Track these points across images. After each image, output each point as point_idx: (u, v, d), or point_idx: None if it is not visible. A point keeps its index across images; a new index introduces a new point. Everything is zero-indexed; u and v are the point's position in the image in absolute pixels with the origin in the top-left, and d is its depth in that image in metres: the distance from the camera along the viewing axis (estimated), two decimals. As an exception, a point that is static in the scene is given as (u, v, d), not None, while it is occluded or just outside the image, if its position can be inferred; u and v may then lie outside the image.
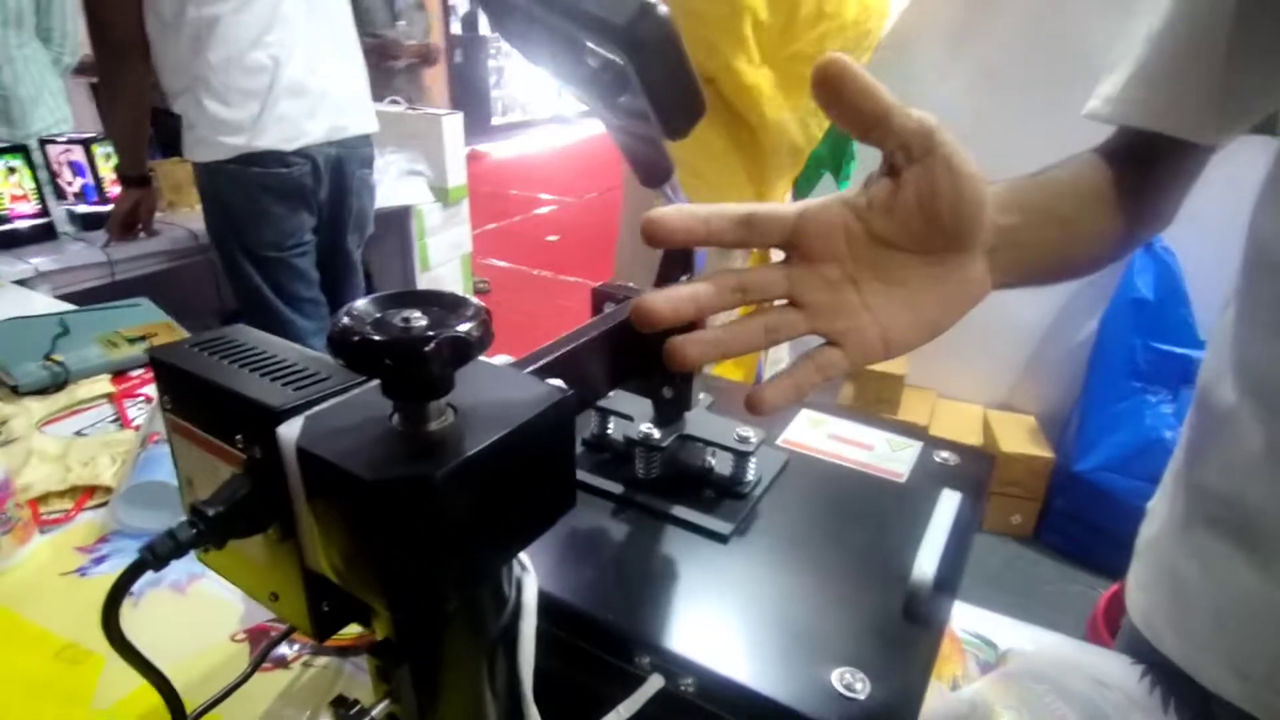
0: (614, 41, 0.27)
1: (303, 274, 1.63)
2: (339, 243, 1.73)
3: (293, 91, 1.48)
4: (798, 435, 0.51)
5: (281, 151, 1.50)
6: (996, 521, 2.08)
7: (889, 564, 0.40)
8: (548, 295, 3.67)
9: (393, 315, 0.26)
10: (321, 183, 1.60)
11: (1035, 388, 2.19)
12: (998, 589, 1.88)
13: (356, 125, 1.63)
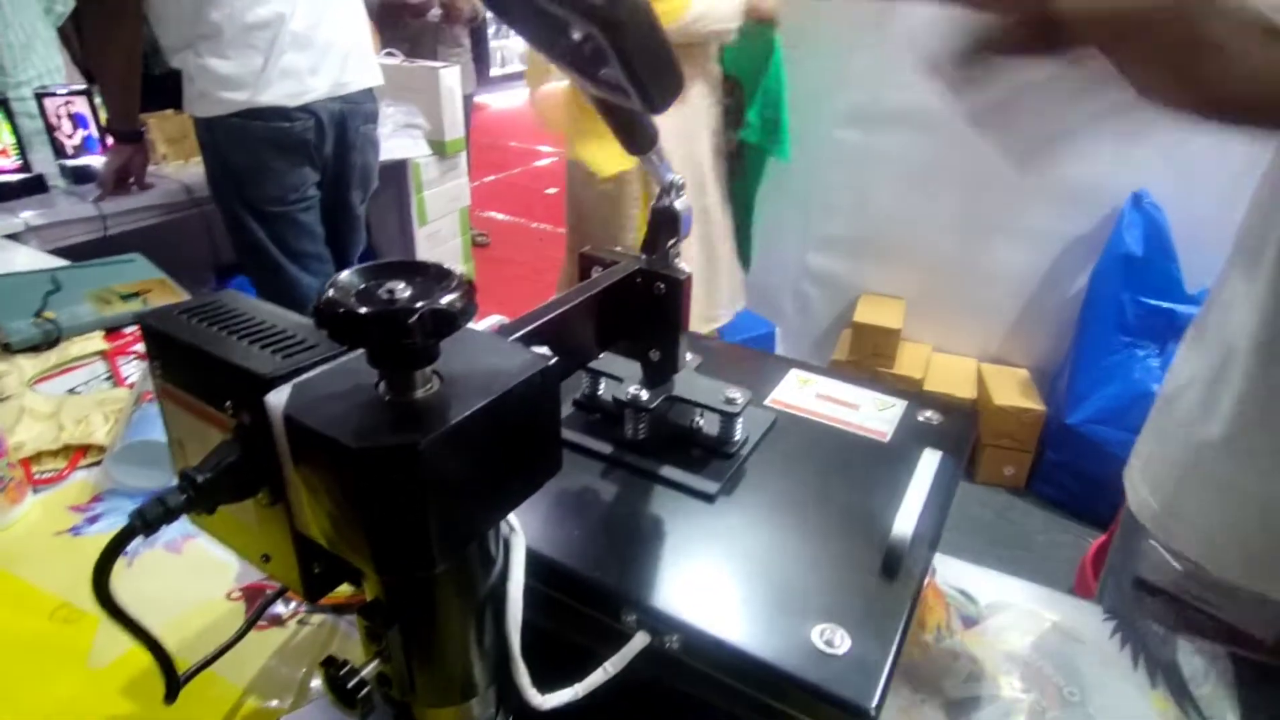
0: (591, 20, 0.27)
1: (307, 229, 1.62)
2: (343, 198, 1.72)
3: (297, 45, 1.46)
4: (786, 395, 0.51)
5: (285, 107, 1.48)
6: (990, 473, 2.11)
7: (870, 522, 0.41)
8: (547, 247, 3.64)
9: (377, 287, 0.26)
10: (325, 138, 1.58)
11: (1027, 341, 2.20)
12: (991, 539, 1.92)
13: (360, 79, 1.61)
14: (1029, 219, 2.06)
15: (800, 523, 0.41)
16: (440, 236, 2.35)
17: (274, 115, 1.47)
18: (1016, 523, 1.99)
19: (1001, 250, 2.13)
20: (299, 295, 1.60)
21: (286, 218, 1.58)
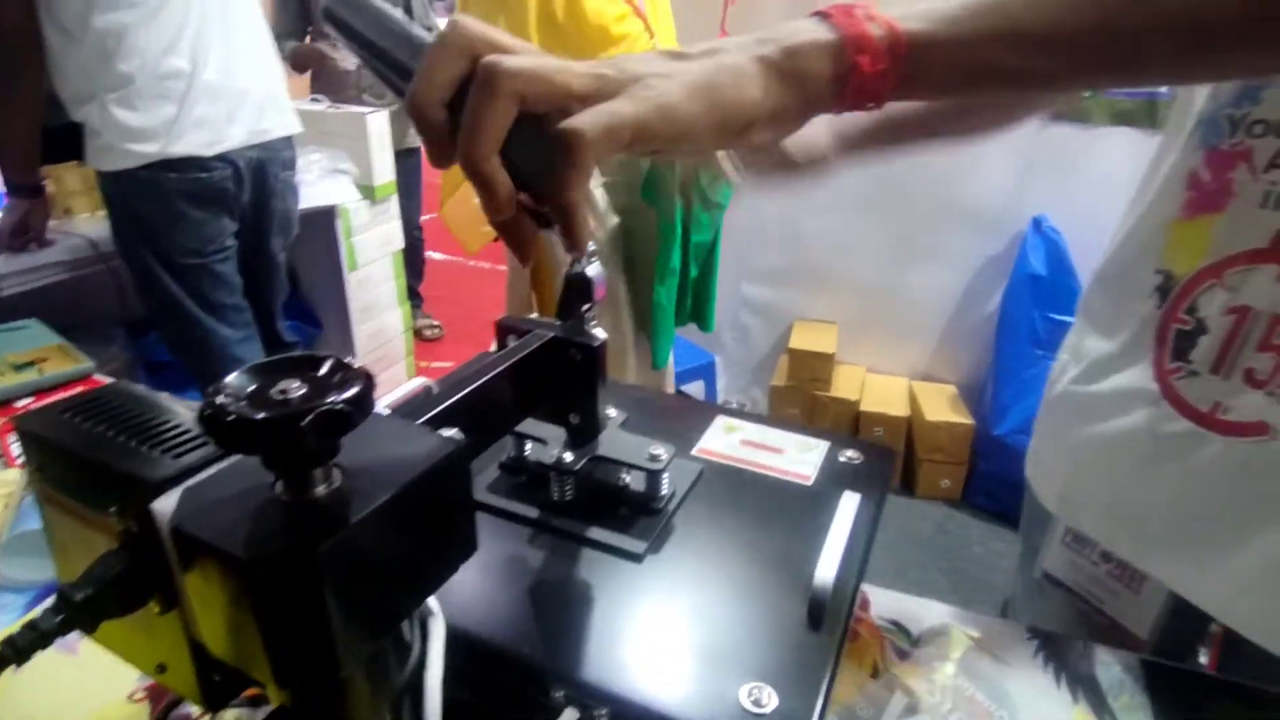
0: None
1: (225, 280, 1.57)
2: (263, 246, 1.68)
3: (211, 95, 1.43)
4: (713, 444, 0.52)
5: (200, 157, 1.44)
6: (927, 487, 2.17)
7: (795, 571, 0.42)
8: (486, 285, 3.62)
9: (268, 387, 0.25)
10: (244, 186, 1.54)
11: (953, 359, 2.29)
12: (932, 552, 1.97)
13: (278, 127, 1.58)
14: (945, 244, 2.16)
15: (727, 576, 0.41)
16: (372, 281, 2.31)
17: (188, 166, 1.43)
18: (955, 534, 2.05)
19: (923, 274, 2.22)
20: (216, 349, 1.55)
21: (203, 270, 1.53)
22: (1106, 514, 0.63)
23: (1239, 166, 0.50)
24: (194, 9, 1.38)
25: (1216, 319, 0.51)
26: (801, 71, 0.30)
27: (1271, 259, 0.48)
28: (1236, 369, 0.51)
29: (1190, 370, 0.53)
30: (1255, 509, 0.52)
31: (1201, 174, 0.52)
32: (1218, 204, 0.51)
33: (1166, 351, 0.55)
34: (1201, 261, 0.52)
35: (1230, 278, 0.50)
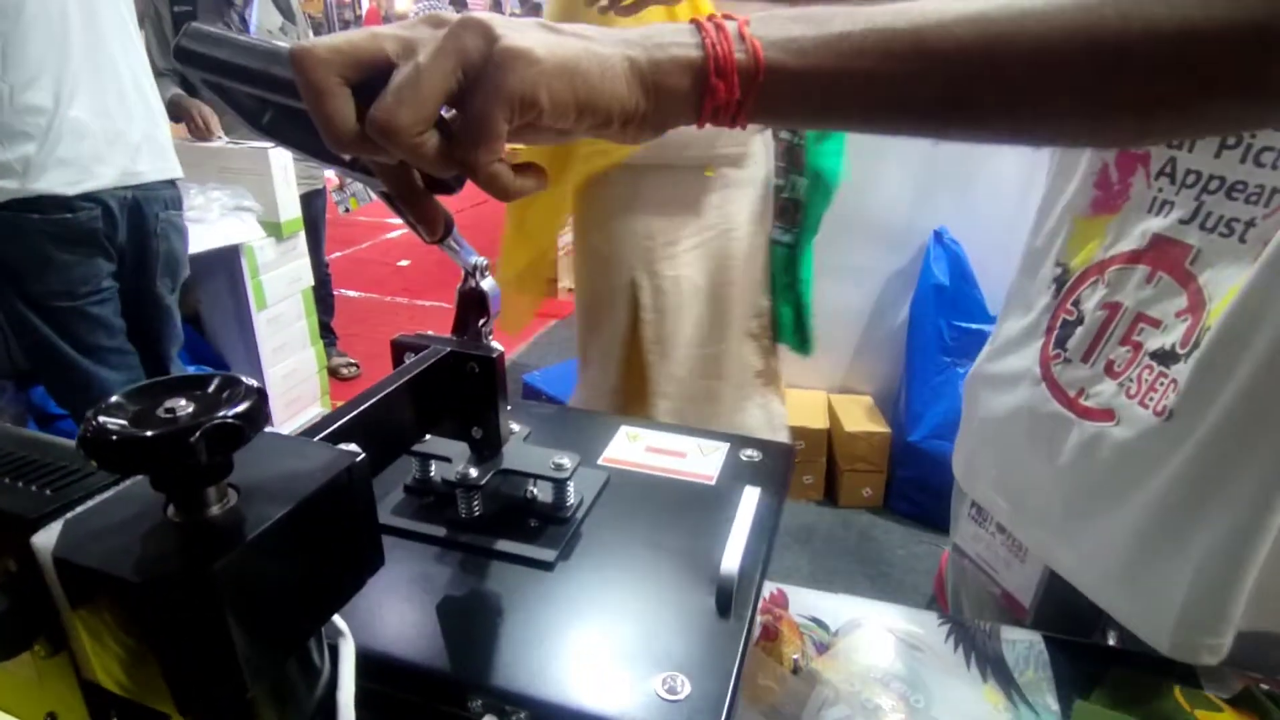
0: None
1: (102, 322, 1.50)
2: (147, 288, 1.61)
3: (77, 134, 1.37)
4: (616, 452, 0.54)
5: (64, 195, 1.37)
6: (850, 497, 2.24)
7: (702, 564, 0.44)
8: (402, 322, 3.55)
9: (155, 407, 0.25)
10: (118, 226, 1.48)
11: (868, 370, 2.39)
12: (857, 559, 2.03)
13: (154, 171, 1.52)
14: (852, 259, 2.27)
15: (637, 575, 0.43)
16: (283, 320, 2.24)
17: (51, 206, 1.36)
18: (879, 540, 2.13)
19: (834, 289, 2.32)
20: (98, 394, 1.45)
21: (77, 312, 1.45)
22: (993, 485, 0.68)
23: (1138, 170, 0.54)
24: (58, 46, 1.33)
25: (1092, 312, 0.56)
26: (662, 85, 0.30)
27: (1145, 260, 0.53)
28: (1100, 359, 0.55)
29: (1065, 357, 0.58)
30: (1101, 491, 0.57)
31: (1111, 172, 0.56)
32: (1115, 205, 0.56)
33: (1051, 338, 0.60)
34: (1093, 258, 0.57)
35: (1110, 275, 0.55)
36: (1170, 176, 0.52)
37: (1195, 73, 0.27)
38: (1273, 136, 0.47)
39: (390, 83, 0.28)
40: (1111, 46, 0.27)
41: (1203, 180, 0.50)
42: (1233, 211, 0.49)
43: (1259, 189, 0.48)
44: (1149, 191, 0.53)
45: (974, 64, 0.29)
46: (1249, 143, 0.48)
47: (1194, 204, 0.50)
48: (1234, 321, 0.47)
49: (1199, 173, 0.50)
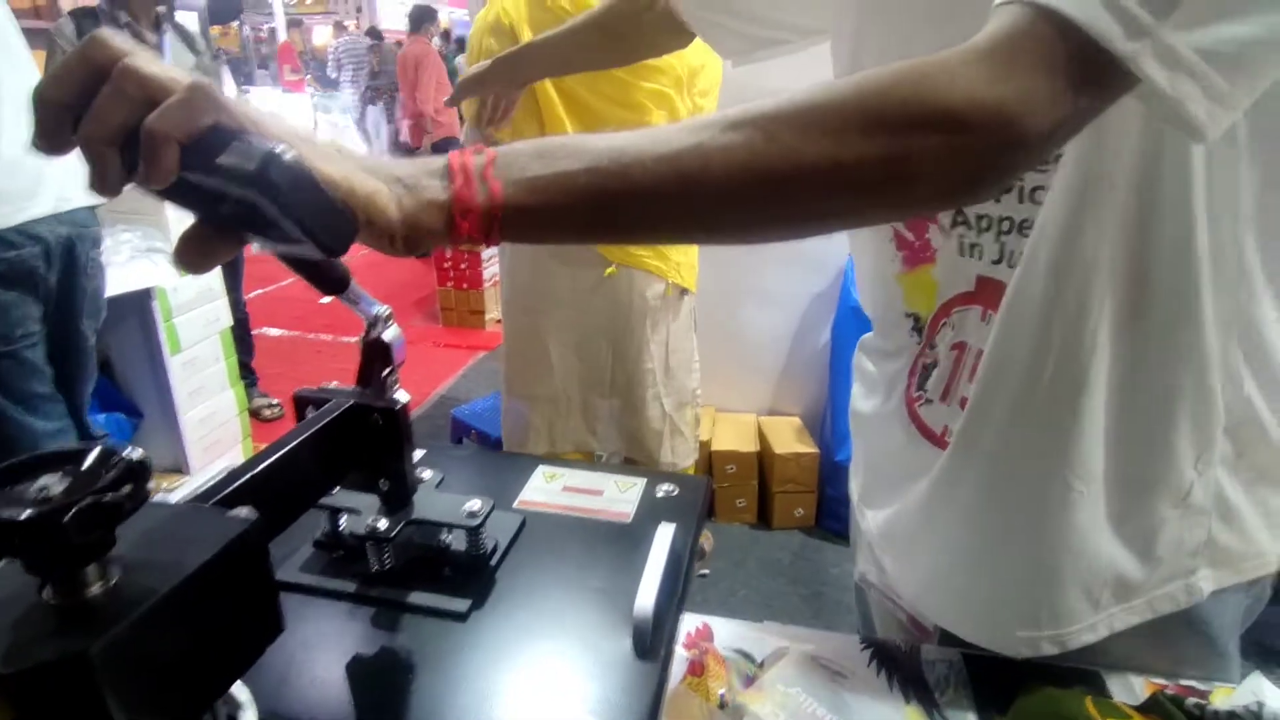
0: (248, 186, 0.29)
1: (34, 367, 1.42)
2: (73, 329, 1.53)
3: (9, 170, 1.32)
4: (533, 494, 0.54)
5: (4, 233, 1.31)
6: (783, 518, 2.28)
7: (619, 604, 0.44)
8: (326, 360, 3.44)
9: (27, 486, 0.24)
10: (52, 266, 1.42)
11: (795, 392, 2.46)
12: (791, 580, 2.07)
13: (81, 196, 1.46)
14: (775, 285, 2.34)
15: (554, 620, 0.43)
16: (200, 363, 2.14)
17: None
18: (812, 560, 2.17)
19: (759, 314, 2.39)
20: (29, 445, 1.37)
21: (11, 357, 1.38)
22: (881, 522, 0.70)
23: (931, 226, 0.57)
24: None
25: (945, 354, 0.59)
26: (419, 221, 0.35)
27: (977, 300, 0.55)
28: (956, 396, 0.58)
29: (926, 398, 0.61)
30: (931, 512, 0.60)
31: (904, 234, 0.59)
32: (929, 255, 0.58)
33: (914, 381, 0.62)
34: (936, 303, 0.59)
35: (954, 317, 0.57)
36: (965, 224, 0.54)
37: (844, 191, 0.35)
38: (1040, 176, 0.49)
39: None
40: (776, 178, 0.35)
41: (995, 222, 0.53)
42: None
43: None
44: (952, 240, 0.55)
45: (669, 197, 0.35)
46: (1020, 185, 0.50)
47: (997, 245, 0.53)
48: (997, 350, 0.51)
49: (989, 216, 0.53)
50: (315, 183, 0.30)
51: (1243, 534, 0.52)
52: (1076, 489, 0.51)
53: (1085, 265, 0.46)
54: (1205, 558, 0.52)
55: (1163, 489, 0.50)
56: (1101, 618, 0.54)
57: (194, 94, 0.30)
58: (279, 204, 0.29)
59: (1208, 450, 0.49)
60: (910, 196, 0.35)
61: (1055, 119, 0.33)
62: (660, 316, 1.54)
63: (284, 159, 0.29)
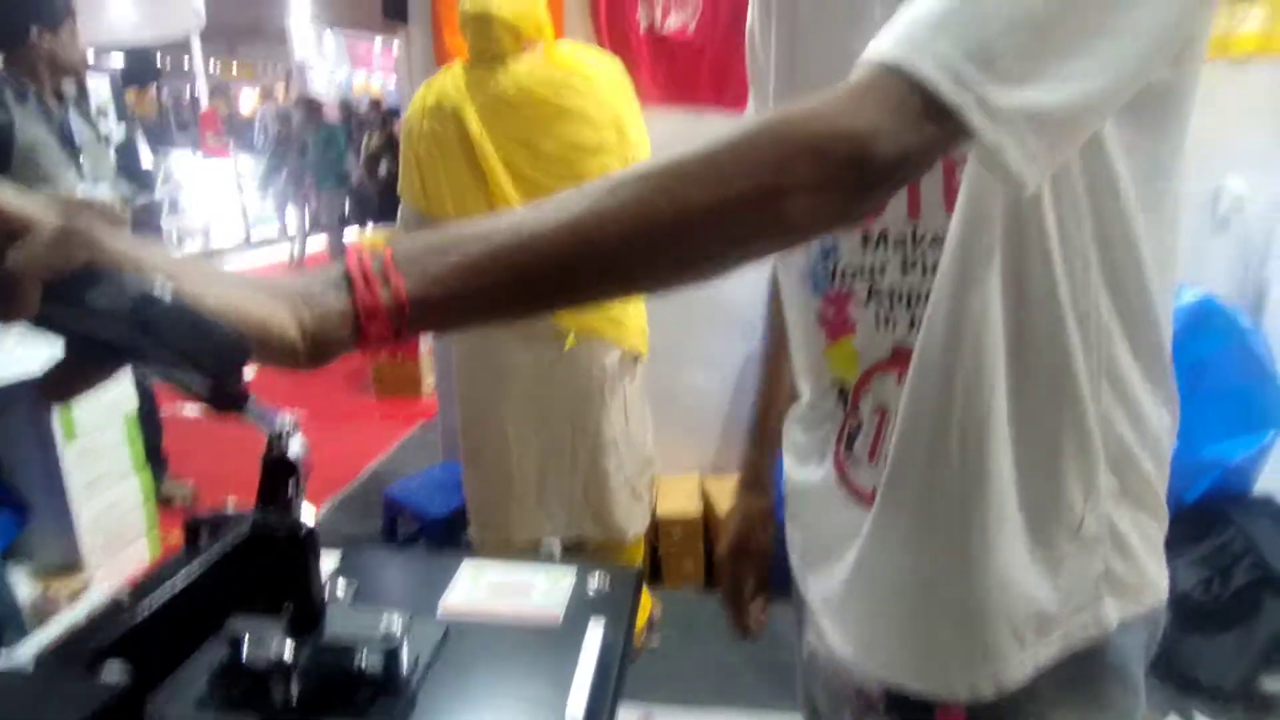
0: (124, 329, 0.27)
1: None
2: None
3: None
4: (459, 596, 0.51)
5: None
6: (729, 578, 2.26)
7: (550, 714, 0.42)
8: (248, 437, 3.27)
9: None
10: None
11: (737, 449, 2.46)
12: (750, 649, 2.01)
13: None
14: (712, 346, 2.38)
15: (478, 743, 0.40)
16: (99, 451, 1.99)
17: None
18: (769, 625, 2.14)
19: (698, 374, 2.41)
20: None
21: None
22: (821, 587, 0.69)
23: (849, 305, 0.61)
24: None
25: (868, 418, 0.62)
26: (323, 334, 0.34)
27: (893, 367, 0.59)
28: (883, 456, 0.60)
29: (854, 459, 0.63)
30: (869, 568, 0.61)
31: (825, 311, 0.63)
32: (849, 327, 0.62)
33: (842, 445, 0.64)
34: (858, 371, 0.62)
35: (873, 384, 0.61)
36: (877, 298, 0.59)
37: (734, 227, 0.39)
38: (938, 251, 0.53)
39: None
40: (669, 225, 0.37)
41: (904, 297, 0.57)
42: None
43: None
44: (867, 313, 0.60)
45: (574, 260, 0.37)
46: (921, 260, 0.55)
47: (909, 316, 0.57)
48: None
49: (899, 290, 0.57)
50: (197, 316, 0.29)
51: (1135, 563, 0.56)
52: (993, 529, 0.54)
53: (975, 320, 0.51)
54: (1107, 587, 0.56)
55: (1062, 523, 0.54)
56: (1028, 654, 0.56)
57: (63, 234, 0.28)
58: (157, 342, 0.28)
59: (1094, 486, 0.54)
60: (791, 223, 0.39)
61: (902, 146, 0.37)
62: (618, 384, 1.54)
63: (160, 298, 0.28)
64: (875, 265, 0.58)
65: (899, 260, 0.57)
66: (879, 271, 0.58)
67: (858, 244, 0.58)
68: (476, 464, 1.60)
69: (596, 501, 1.57)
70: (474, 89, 1.39)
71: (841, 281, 0.60)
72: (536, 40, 1.40)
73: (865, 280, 0.59)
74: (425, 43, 2.02)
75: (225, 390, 0.33)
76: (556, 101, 1.37)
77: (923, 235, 0.55)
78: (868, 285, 0.58)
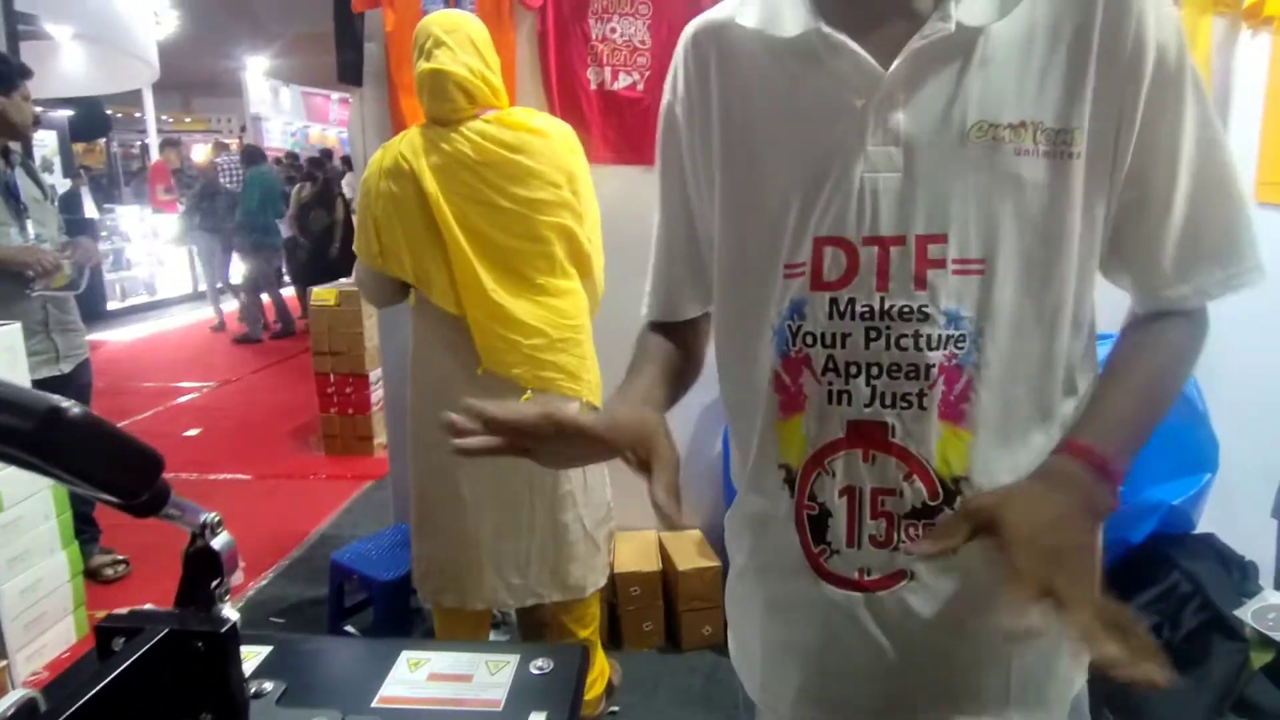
0: (23, 449, 0.26)
1: None
2: None
3: None
4: (396, 687, 0.49)
5: None
6: (691, 638, 2.21)
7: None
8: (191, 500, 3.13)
9: None
10: None
11: (693, 503, 2.45)
12: (705, 706, 1.97)
13: None
14: (668, 398, 2.38)
15: None
16: (24, 524, 1.88)
17: None
18: (724, 681, 2.10)
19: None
20: None
21: None
22: (801, 699, 0.65)
23: (804, 372, 0.59)
24: None
25: (835, 502, 0.59)
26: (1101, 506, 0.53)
27: (853, 445, 0.58)
28: (863, 538, 0.58)
29: (832, 549, 0.60)
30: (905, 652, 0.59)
31: (783, 376, 0.61)
32: (800, 405, 0.60)
33: (807, 536, 0.61)
34: (806, 454, 0.60)
35: (830, 465, 0.59)
36: (835, 371, 0.58)
37: None
38: (905, 324, 0.55)
39: None
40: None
41: (864, 369, 0.57)
42: (904, 388, 0.56)
43: (913, 367, 0.55)
44: (821, 387, 0.58)
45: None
46: (887, 332, 0.56)
47: (868, 389, 0.56)
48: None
49: (858, 363, 0.57)
50: (107, 433, 0.28)
51: None
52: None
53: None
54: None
55: None
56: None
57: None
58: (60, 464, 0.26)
59: None
60: None
61: None
62: None
63: (69, 415, 0.27)
64: (838, 334, 0.58)
65: (863, 331, 0.57)
66: (840, 343, 0.57)
67: (824, 310, 0.58)
68: (430, 527, 1.55)
69: (554, 558, 1.53)
70: (430, 150, 1.42)
71: (803, 344, 0.59)
72: (491, 104, 1.45)
73: (826, 349, 0.58)
74: (380, 105, 2.03)
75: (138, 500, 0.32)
76: (511, 161, 1.41)
77: (890, 308, 0.56)
78: (827, 354, 0.58)
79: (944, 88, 0.54)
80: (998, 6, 0.53)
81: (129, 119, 10.20)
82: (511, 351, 1.45)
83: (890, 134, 0.55)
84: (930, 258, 0.54)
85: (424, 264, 1.46)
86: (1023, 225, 0.55)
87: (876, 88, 0.54)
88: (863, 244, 0.56)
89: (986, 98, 0.53)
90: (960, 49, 0.53)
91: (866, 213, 0.55)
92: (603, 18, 1.96)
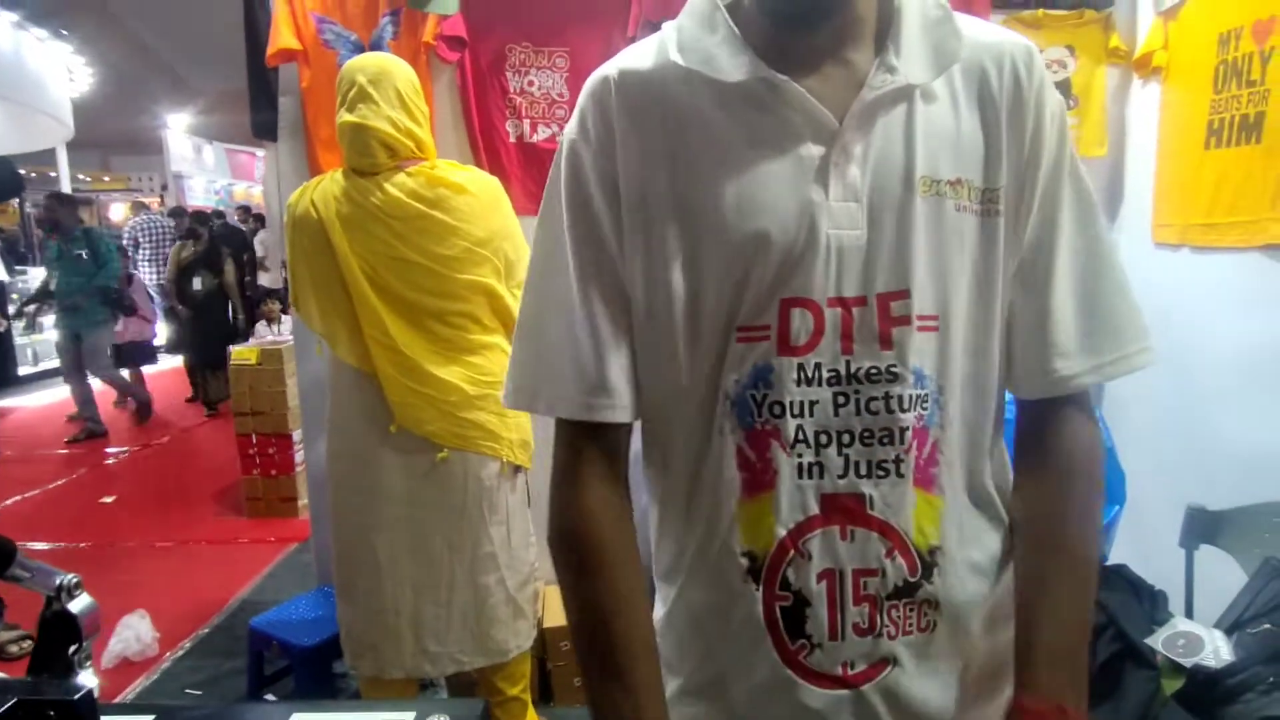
0: None
1: None
2: None
3: None
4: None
5: None
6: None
7: None
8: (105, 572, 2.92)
9: None
10: None
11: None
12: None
13: None
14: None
15: None
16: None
17: None
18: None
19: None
20: None
21: None
22: None
23: (773, 445, 0.53)
24: None
25: (813, 589, 0.52)
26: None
27: (830, 521, 0.52)
28: (847, 627, 0.52)
29: (813, 643, 0.53)
30: None
31: (748, 452, 0.54)
32: (769, 482, 0.53)
33: (781, 633, 0.54)
34: (775, 537, 0.53)
35: (805, 546, 0.52)
36: (805, 442, 0.53)
37: None
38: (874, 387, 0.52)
39: None
40: None
41: (834, 437, 0.52)
42: (880, 455, 0.52)
43: (886, 432, 0.52)
44: (791, 460, 0.53)
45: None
46: (855, 397, 0.52)
47: (841, 459, 0.52)
48: None
49: (828, 432, 0.53)
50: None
51: None
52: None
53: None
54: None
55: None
56: None
57: None
58: None
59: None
60: None
61: None
62: (497, 496, 1.48)
63: None
64: (806, 402, 0.53)
65: (830, 397, 0.53)
66: (809, 411, 0.53)
67: (793, 377, 0.53)
68: (350, 595, 1.49)
69: (475, 621, 1.48)
70: (343, 200, 1.39)
71: (770, 415, 0.54)
72: (415, 157, 1.42)
73: (795, 418, 0.53)
74: (298, 159, 2.01)
75: None
76: (427, 215, 1.38)
77: (857, 370, 0.53)
78: (796, 424, 0.53)
79: (893, 141, 0.53)
80: (933, 65, 0.53)
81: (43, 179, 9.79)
82: (427, 408, 1.41)
83: (850, 189, 0.52)
84: (894, 314, 0.52)
85: (329, 317, 1.43)
86: (967, 282, 0.54)
87: (832, 140, 0.52)
88: (828, 305, 0.52)
89: (928, 153, 0.52)
90: (903, 103, 0.53)
91: (832, 272, 0.52)
92: (520, 71, 2.00)
